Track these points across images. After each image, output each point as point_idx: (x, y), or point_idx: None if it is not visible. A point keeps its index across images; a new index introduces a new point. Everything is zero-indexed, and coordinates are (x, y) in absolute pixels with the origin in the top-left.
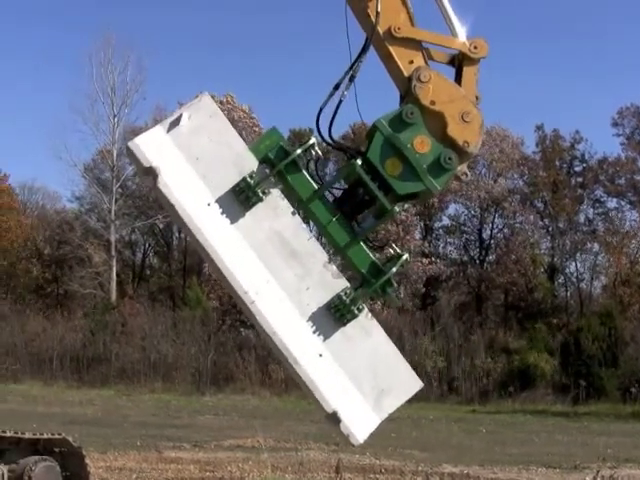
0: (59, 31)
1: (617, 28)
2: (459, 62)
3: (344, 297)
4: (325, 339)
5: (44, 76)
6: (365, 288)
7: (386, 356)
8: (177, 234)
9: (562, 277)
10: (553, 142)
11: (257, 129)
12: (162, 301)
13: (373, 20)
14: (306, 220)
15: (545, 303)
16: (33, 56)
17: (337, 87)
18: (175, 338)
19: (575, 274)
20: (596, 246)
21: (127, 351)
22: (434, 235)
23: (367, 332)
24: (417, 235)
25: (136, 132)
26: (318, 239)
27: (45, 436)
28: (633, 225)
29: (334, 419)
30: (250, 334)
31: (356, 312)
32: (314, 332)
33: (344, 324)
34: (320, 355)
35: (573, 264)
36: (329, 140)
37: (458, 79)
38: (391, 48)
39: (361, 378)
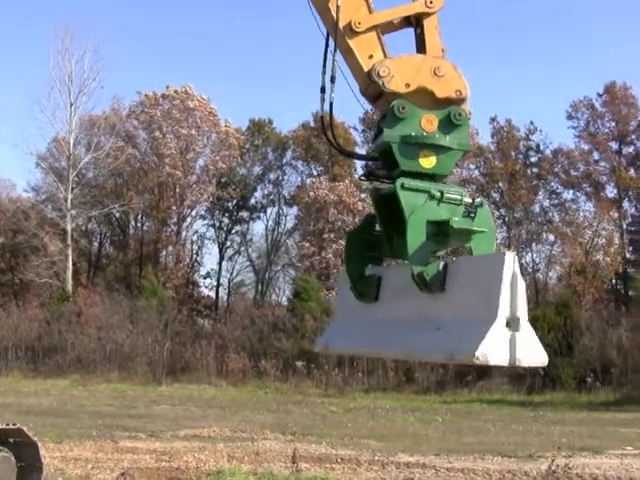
0: (17, 18)
1: (568, 22)
2: (416, 19)
3: None
4: None
5: (1, 64)
6: None
7: None
8: (133, 223)
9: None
10: (508, 132)
11: (213, 118)
12: (118, 290)
13: (334, 15)
14: None
15: None
16: None
17: (323, 90)
18: (131, 327)
19: (531, 264)
20: (551, 236)
21: (83, 341)
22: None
23: None
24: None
25: (93, 121)
26: None
27: (0, 426)
28: (588, 216)
29: None
30: (206, 324)
31: None
32: None
33: None
34: None
35: (529, 254)
36: (341, 152)
37: (421, 36)
38: (351, 42)
39: None
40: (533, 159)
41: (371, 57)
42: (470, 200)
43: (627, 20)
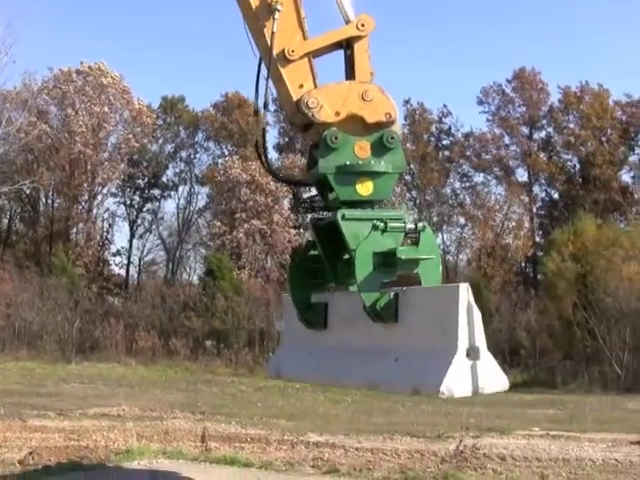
0: None
1: (480, 9)
2: (347, 42)
3: None
4: None
5: None
6: None
7: None
8: (44, 200)
9: None
10: (420, 115)
11: (127, 96)
12: (28, 268)
13: (268, 41)
14: None
15: None
16: None
17: (256, 113)
18: (41, 305)
19: (442, 246)
20: (462, 219)
21: None
22: (302, 206)
23: None
24: (285, 205)
25: (4, 96)
26: None
27: None
28: (498, 199)
29: None
30: (116, 302)
31: None
32: None
33: None
34: None
35: (440, 236)
36: (276, 177)
37: (351, 58)
38: (282, 70)
39: None
40: (445, 142)
41: (301, 87)
42: (413, 225)
43: (534, 5)
